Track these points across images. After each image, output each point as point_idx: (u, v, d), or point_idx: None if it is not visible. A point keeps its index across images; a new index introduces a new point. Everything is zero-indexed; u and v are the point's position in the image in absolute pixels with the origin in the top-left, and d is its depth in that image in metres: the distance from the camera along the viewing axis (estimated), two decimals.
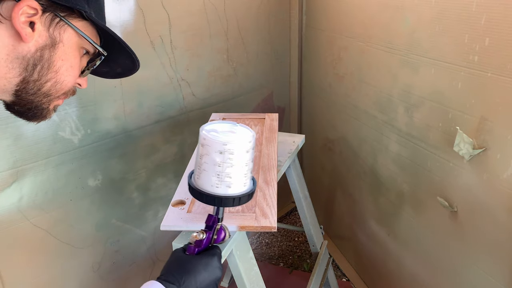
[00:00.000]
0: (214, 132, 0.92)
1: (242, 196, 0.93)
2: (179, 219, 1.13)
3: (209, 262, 0.92)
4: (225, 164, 0.88)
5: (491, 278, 1.29)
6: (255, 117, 1.78)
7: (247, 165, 0.92)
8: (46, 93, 0.79)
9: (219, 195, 0.91)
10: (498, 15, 1.09)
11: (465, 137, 1.25)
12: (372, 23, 1.72)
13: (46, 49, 0.74)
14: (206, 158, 0.89)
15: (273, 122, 1.70)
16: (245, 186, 0.94)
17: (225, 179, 0.90)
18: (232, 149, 0.88)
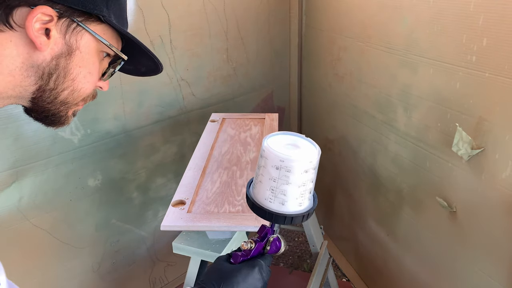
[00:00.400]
0: (276, 143, 0.87)
1: (295, 216, 0.87)
2: (179, 219, 1.13)
3: (249, 273, 0.88)
4: (281, 180, 0.84)
5: (490, 278, 1.29)
6: (255, 117, 1.78)
7: (304, 185, 0.86)
8: (63, 101, 0.76)
9: (271, 210, 0.86)
10: (496, 16, 1.09)
11: (464, 135, 1.25)
12: (371, 23, 1.72)
13: (62, 57, 0.71)
14: (263, 170, 0.85)
15: (273, 122, 1.71)
16: (300, 206, 0.88)
17: (279, 195, 0.85)
18: (289, 167, 0.82)
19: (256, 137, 1.58)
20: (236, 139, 1.59)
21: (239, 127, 1.70)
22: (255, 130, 1.65)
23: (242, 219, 1.12)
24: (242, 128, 1.68)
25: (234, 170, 1.38)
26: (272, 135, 0.89)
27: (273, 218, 0.87)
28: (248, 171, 1.36)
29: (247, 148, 1.51)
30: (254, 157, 1.44)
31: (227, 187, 1.28)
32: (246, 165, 1.40)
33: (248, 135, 1.61)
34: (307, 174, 0.84)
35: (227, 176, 1.35)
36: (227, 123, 1.75)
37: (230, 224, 1.11)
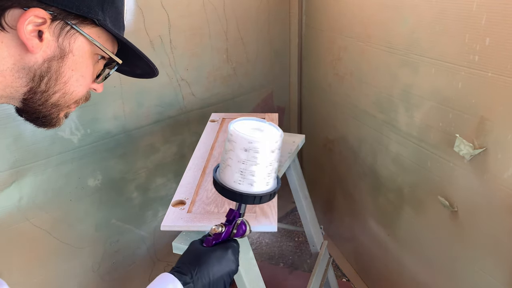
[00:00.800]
0: (242, 128, 0.91)
1: (263, 195, 0.92)
2: (179, 219, 1.13)
3: (223, 255, 0.92)
4: (249, 162, 0.88)
5: (491, 278, 1.29)
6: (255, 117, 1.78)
7: (271, 165, 0.91)
8: (54, 104, 0.76)
9: (240, 191, 0.90)
10: (499, 15, 1.08)
11: (465, 142, 1.26)
12: (372, 22, 1.72)
13: (55, 60, 0.71)
14: (231, 154, 0.89)
15: (273, 122, 1.70)
16: (267, 186, 0.93)
17: (248, 176, 0.89)
18: (257, 148, 0.87)
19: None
20: None
21: None
22: None
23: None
24: None
25: None
26: (236, 121, 0.93)
27: (243, 199, 0.91)
28: None
29: None
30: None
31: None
32: None
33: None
34: (274, 154, 0.91)
35: None
36: (227, 123, 1.74)
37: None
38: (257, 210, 1.15)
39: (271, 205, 1.18)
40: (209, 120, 1.79)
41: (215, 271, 0.89)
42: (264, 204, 1.18)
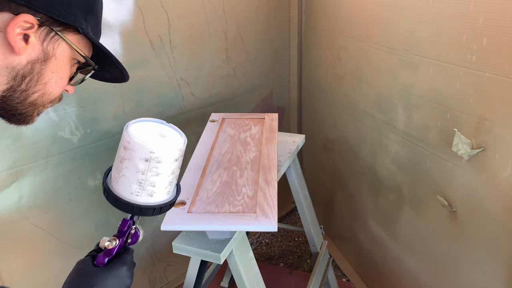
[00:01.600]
0: (141, 134, 0.81)
1: (163, 206, 0.85)
2: (179, 219, 1.13)
3: (119, 273, 0.87)
4: (150, 172, 0.80)
5: (490, 278, 1.29)
6: (255, 117, 1.78)
7: (173, 173, 0.84)
8: (32, 103, 0.79)
9: (138, 204, 0.82)
10: (496, 15, 1.09)
11: (463, 138, 1.26)
12: (372, 23, 1.72)
13: (38, 63, 0.74)
14: (128, 163, 0.80)
15: (272, 122, 1.70)
16: (168, 194, 0.86)
17: (147, 187, 0.81)
18: (160, 157, 0.79)
19: (256, 137, 1.58)
20: (236, 139, 1.59)
21: (239, 127, 1.70)
22: (255, 130, 1.65)
23: (242, 218, 1.12)
24: (242, 128, 1.68)
25: (234, 170, 1.37)
26: (133, 123, 0.84)
27: (142, 212, 0.83)
28: (248, 171, 1.36)
29: (247, 148, 1.50)
30: (254, 157, 1.44)
31: (227, 187, 1.28)
32: (246, 165, 1.40)
33: (248, 135, 1.61)
34: (177, 162, 0.83)
35: (227, 176, 1.35)
36: (227, 123, 1.75)
37: (230, 224, 1.11)
38: (257, 210, 1.15)
39: (271, 205, 1.18)
40: (209, 120, 1.79)
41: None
42: (264, 204, 1.18)
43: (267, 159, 1.40)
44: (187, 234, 1.25)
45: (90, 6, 0.79)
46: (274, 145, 1.49)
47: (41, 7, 0.70)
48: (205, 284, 1.83)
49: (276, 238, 2.77)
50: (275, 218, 1.11)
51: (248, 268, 1.30)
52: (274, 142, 1.52)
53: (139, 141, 0.78)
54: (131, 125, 0.82)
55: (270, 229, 1.09)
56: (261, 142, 1.53)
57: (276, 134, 1.59)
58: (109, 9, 1.62)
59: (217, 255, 1.16)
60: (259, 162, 1.39)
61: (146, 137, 0.81)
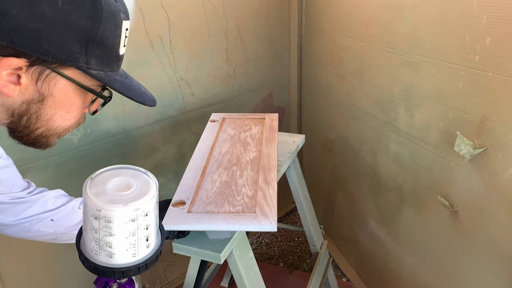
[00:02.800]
0: (102, 184, 0.72)
1: (127, 270, 0.73)
2: (179, 219, 1.13)
3: None
4: (102, 232, 0.70)
5: (492, 278, 1.29)
6: (255, 117, 1.78)
7: (134, 235, 0.72)
8: (39, 135, 0.75)
9: (98, 263, 0.73)
10: (500, 15, 1.08)
11: (466, 140, 1.25)
12: (373, 23, 1.72)
13: (33, 103, 0.69)
14: (84, 217, 0.72)
15: (273, 122, 1.70)
16: (134, 257, 0.74)
17: (104, 247, 0.72)
18: (108, 217, 0.68)
19: (256, 137, 1.58)
20: (236, 139, 1.58)
21: (239, 127, 1.69)
22: (255, 130, 1.64)
23: (241, 218, 1.12)
24: (242, 128, 1.68)
25: (234, 170, 1.37)
26: (100, 173, 0.75)
27: (100, 273, 0.73)
28: (248, 171, 1.36)
29: (247, 148, 1.50)
30: (254, 157, 1.43)
31: (227, 187, 1.28)
32: (246, 165, 1.39)
33: (248, 135, 1.61)
34: (135, 223, 0.71)
35: (227, 176, 1.34)
36: (227, 123, 1.74)
37: (230, 224, 1.10)
38: (257, 210, 1.14)
39: (270, 205, 1.17)
40: (209, 120, 1.79)
41: None
42: (264, 204, 1.17)
43: (267, 159, 1.40)
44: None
45: (91, 36, 0.68)
46: (274, 145, 1.49)
47: (26, 47, 0.63)
48: (205, 284, 1.83)
49: (276, 238, 2.77)
50: (275, 218, 1.11)
51: (248, 268, 1.30)
52: (274, 142, 1.52)
53: (87, 195, 0.69)
54: (93, 176, 0.74)
55: (270, 229, 1.09)
56: (261, 142, 1.53)
57: (276, 134, 1.59)
58: None
59: (217, 255, 1.16)
60: (259, 162, 1.39)
61: (102, 190, 0.71)
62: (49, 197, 1.07)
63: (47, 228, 1.04)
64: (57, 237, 1.07)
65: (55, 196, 1.09)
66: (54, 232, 1.05)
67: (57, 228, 1.05)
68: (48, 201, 1.06)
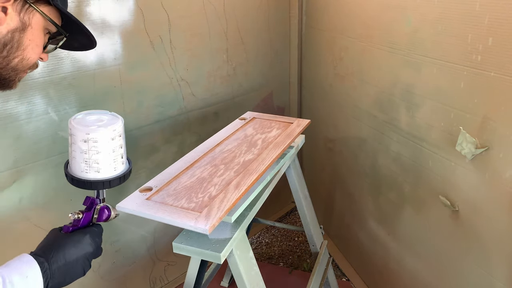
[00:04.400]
0: (81, 121, 0.98)
1: (112, 180, 1.00)
2: (134, 204, 1.15)
3: (79, 239, 0.99)
4: (91, 151, 0.95)
5: (493, 278, 1.29)
6: (284, 120, 1.76)
7: (114, 151, 0.98)
8: (13, 68, 0.88)
9: (88, 179, 0.97)
10: (502, 15, 1.09)
11: (468, 137, 1.25)
12: (374, 23, 1.72)
13: (17, 32, 0.84)
14: (74, 146, 0.96)
15: (296, 128, 1.67)
16: (115, 170, 1.01)
17: (92, 165, 0.96)
18: (95, 138, 0.95)
19: (268, 140, 1.56)
20: (247, 140, 1.57)
21: (261, 128, 1.68)
22: (273, 133, 1.62)
23: (184, 215, 1.10)
24: (263, 130, 1.66)
25: (220, 169, 1.37)
26: (78, 115, 1.01)
27: (92, 186, 0.98)
28: (230, 172, 1.34)
29: (250, 149, 1.49)
30: (248, 159, 1.42)
31: (199, 183, 1.28)
32: (234, 166, 1.38)
33: (263, 137, 1.60)
34: (114, 141, 0.98)
35: (209, 173, 1.35)
36: (253, 122, 1.74)
37: (170, 219, 1.10)
38: (204, 211, 1.12)
39: (221, 209, 1.12)
40: (239, 118, 1.79)
41: (70, 254, 0.96)
42: (215, 207, 1.13)
43: (257, 163, 1.38)
44: (187, 234, 1.25)
45: None
46: (276, 151, 1.46)
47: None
48: (205, 284, 1.83)
49: (276, 238, 2.77)
50: (213, 223, 1.08)
51: (248, 268, 1.30)
52: (280, 147, 1.49)
53: (76, 126, 0.95)
54: (74, 117, 0.99)
55: (202, 232, 1.06)
56: (268, 146, 1.52)
57: (290, 140, 1.57)
58: (109, 9, 1.61)
59: (217, 255, 1.16)
60: (248, 165, 1.38)
61: (85, 123, 0.97)
62: None
63: None
64: None
65: None
66: None
67: None
68: None
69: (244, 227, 1.29)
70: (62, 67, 1.53)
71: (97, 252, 1.04)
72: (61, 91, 1.56)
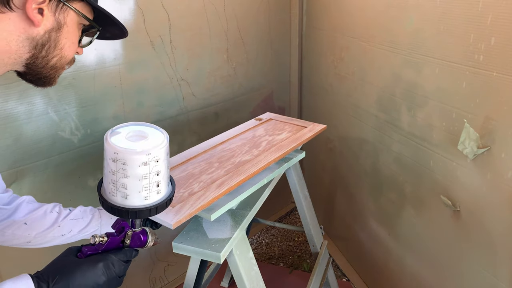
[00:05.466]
0: (120, 134, 0.86)
1: (139, 210, 0.86)
2: None
3: (90, 268, 0.88)
4: (119, 173, 0.82)
5: (494, 278, 1.28)
6: (299, 124, 1.70)
7: (146, 179, 0.84)
8: (52, 66, 0.91)
9: (114, 204, 0.85)
10: (505, 15, 1.08)
11: (472, 133, 1.25)
12: (375, 23, 1.72)
13: (53, 31, 0.86)
14: (105, 162, 0.85)
15: (307, 133, 1.63)
16: (146, 200, 0.87)
17: (120, 189, 0.84)
18: (124, 159, 0.81)
19: (273, 143, 1.54)
20: (253, 140, 1.56)
21: (272, 130, 1.66)
22: (281, 136, 1.60)
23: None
24: (273, 132, 1.64)
25: (213, 166, 1.37)
26: (120, 126, 0.88)
27: (116, 212, 0.86)
28: (220, 171, 1.34)
29: (251, 151, 1.49)
30: (244, 160, 1.41)
31: (187, 179, 1.29)
32: (227, 165, 1.37)
33: (270, 139, 1.58)
34: (147, 167, 0.83)
35: (200, 169, 1.35)
36: (267, 124, 1.72)
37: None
38: (178, 206, 1.13)
39: (195, 206, 1.13)
40: (255, 118, 1.78)
41: (76, 284, 0.86)
42: (189, 203, 1.14)
43: (251, 165, 1.38)
44: (187, 234, 1.24)
45: None
46: (274, 155, 1.42)
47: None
48: (205, 284, 1.83)
49: (276, 238, 2.76)
50: (180, 218, 1.07)
51: (248, 268, 1.30)
52: (279, 151, 1.45)
53: (108, 140, 0.83)
54: (113, 129, 0.87)
55: (166, 225, 1.07)
56: (270, 148, 1.50)
57: (295, 144, 1.54)
58: (110, 9, 1.59)
59: (217, 255, 1.16)
60: (240, 166, 1.37)
61: (121, 138, 0.85)
62: (22, 202, 1.15)
63: (20, 232, 1.13)
64: (31, 241, 1.15)
65: (28, 201, 1.17)
66: (28, 235, 1.13)
67: (30, 231, 1.14)
68: (21, 206, 1.14)
69: (244, 227, 1.29)
70: None
71: (111, 283, 0.91)
72: (61, 91, 1.56)
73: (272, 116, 1.82)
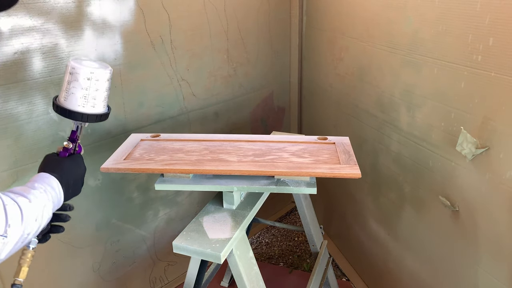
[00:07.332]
0: (82, 63, 1.12)
1: (102, 115, 1.17)
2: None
3: (77, 162, 1.18)
4: (91, 88, 1.11)
5: (493, 278, 1.29)
6: (322, 141, 1.62)
7: (107, 91, 1.15)
8: None
9: (85, 113, 1.12)
10: (503, 15, 1.09)
11: (469, 137, 1.25)
12: (374, 23, 1.72)
13: None
14: (75, 83, 1.10)
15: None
16: (104, 108, 1.17)
17: (90, 100, 1.12)
18: (97, 76, 1.11)
19: (288, 164, 1.39)
20: (277, 150, 1.47)
21: (308, 153, 1.54)
22: (306, 160, 1.46)
23: (142, 163, 1.37)
24: (302, 154, 1.51)
25: (200, 154, 1.43)
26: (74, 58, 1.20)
27: (88, 118, 1.14)
28: (203, 158, 1.40)
29: (250, 155, 1.45)
30: (237, 160, 1.37)
31: (172, 151, 1.45)
32: (212, 162, 1.34)
33: (281, 147, 1.51)
34: (108, 82, 1.15)
35: (191, 150, 1.45)
36: (314, 146, 1.61)
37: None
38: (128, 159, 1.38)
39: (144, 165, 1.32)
40: (319, 137, 1.63)
41: (74, 174, 1.15)
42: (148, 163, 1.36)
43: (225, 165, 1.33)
44: (188, 234, 1.25)
45: None
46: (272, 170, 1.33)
47: None
48: (205, 284, 1.83)
49: (276, 238, 2.77)
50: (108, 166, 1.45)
51: (248, 268, 1.30)
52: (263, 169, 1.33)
53: (83, 66, 1.10)
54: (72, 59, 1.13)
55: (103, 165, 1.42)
56: (278, 166, 1.36)
57: (308, 171, 1.41)
58: (110, 9, 1.61)
59: (217, 255, 1.16)
60: (232, 167, 1.32)
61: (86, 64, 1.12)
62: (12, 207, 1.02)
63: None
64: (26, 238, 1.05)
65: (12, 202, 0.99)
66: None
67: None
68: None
69: (244, 227, 1.29)
70: (62, 67, 1.53)
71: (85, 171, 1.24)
72: None
73: (336, 140, 1.64)
